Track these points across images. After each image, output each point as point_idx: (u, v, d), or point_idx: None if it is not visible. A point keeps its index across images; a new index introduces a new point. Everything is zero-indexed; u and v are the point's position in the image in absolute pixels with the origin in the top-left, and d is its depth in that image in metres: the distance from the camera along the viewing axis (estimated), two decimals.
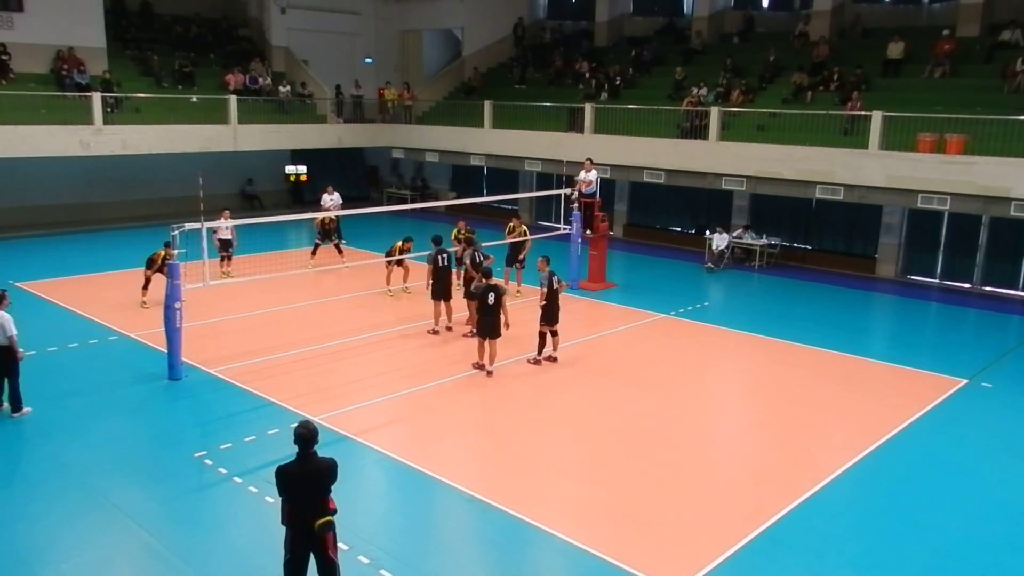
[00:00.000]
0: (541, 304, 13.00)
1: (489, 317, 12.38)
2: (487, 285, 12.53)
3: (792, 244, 22.48)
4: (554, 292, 12.98)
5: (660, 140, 22.60)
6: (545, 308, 12.94)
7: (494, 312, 12.40)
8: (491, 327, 12.40)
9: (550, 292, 12.93)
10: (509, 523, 8.26)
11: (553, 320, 13.02)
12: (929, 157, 18.24)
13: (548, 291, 12.93)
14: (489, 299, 12.38)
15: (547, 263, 13.25)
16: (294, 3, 29.43)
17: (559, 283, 13.16)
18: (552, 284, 12.94)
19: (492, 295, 12.40)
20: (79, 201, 24.82)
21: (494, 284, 12.61)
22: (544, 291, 13.01)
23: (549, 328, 13.04)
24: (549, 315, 12.97)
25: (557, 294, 13.08)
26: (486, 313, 12.40)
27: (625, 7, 30.40)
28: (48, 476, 9.03)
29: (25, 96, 21.91)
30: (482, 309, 12.46)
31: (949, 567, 7.77)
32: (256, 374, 12.27)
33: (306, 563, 6.34)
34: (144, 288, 15.68)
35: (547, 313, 12.95)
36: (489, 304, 12.37)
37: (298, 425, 6.30)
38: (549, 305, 12.94)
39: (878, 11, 25.21)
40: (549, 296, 12.93)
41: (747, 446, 10.67)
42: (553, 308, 13.00)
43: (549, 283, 12.93)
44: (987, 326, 17.26)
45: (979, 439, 10.79)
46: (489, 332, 12.41)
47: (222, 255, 17.49)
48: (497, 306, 12.42)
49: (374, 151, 31.61)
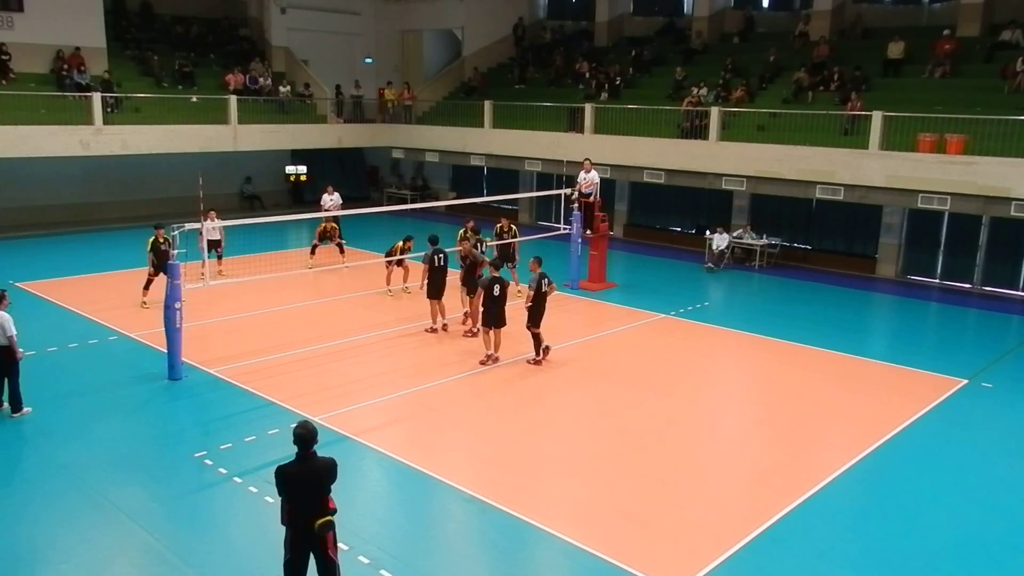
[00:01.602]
0: (527, 305, 12.92)
1: (495, 307, 12.79)
2: (493, 277, 12.92)
3: (792, 244, 22.47)
4: (542, 295, 12.91)
5: (660, 140, 22.60)
6: (531, 309, 12.88)
7: (500, 303, 12.80)
8: (497, 317, 12.84)
9: (537, 294, 12.85)
10: (509, 523, 8.26)
11: (536, 322, 12.96)
12: (929, 157, 18.25)
13: (535, 292, 12.84)
14: (495, 290, 12.79)
15: (539, 264, 13.17)
16: (294, 3, 29.42)
17: (548, 285, 13.06)
18: (541, 286, 12.87)
19: (498, 286, 12.81)
20: (79, 201, 24.83)
21: (499, 276, 13.05)
22: (531, 292, 12.89)
23: (533, 328, 12.98)
24: (534, 316, 12.93)
25: (545, 297, 13.02)
26: (492, 304, 12.78)
27: (625, 7, 30.40)
28: (48, 476, 9.02)
29: (25, 96, 21.91)
30: (488, 300, 12.82)
31: (949, 567, 7.77)
32: (256, 374, 12.26)
33: (306, 563, 6.33)
34: (145, 288, 15.70)
35: (532, 314, 12.91)
36: (495, 295, 12.77)
37: (297, 425, 6.29)
38: (535, 306, 12.88)
39: (878, 11, 25.21)
40: (536, 298, 12.85)
41: (747, 446, 10.67)
42: (539, 310, 12.94)
43: (538, 285, 12.86)
44: (987, 326, 17.26)
45: (979, 439, 10.78)
46: (495, 322, 12.84)
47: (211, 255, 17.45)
48: (503, 297, 12.85)
49: (374, 151, 31.62)
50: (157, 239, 15.59)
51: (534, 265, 13.17)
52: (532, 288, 12.90)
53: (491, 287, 12.81)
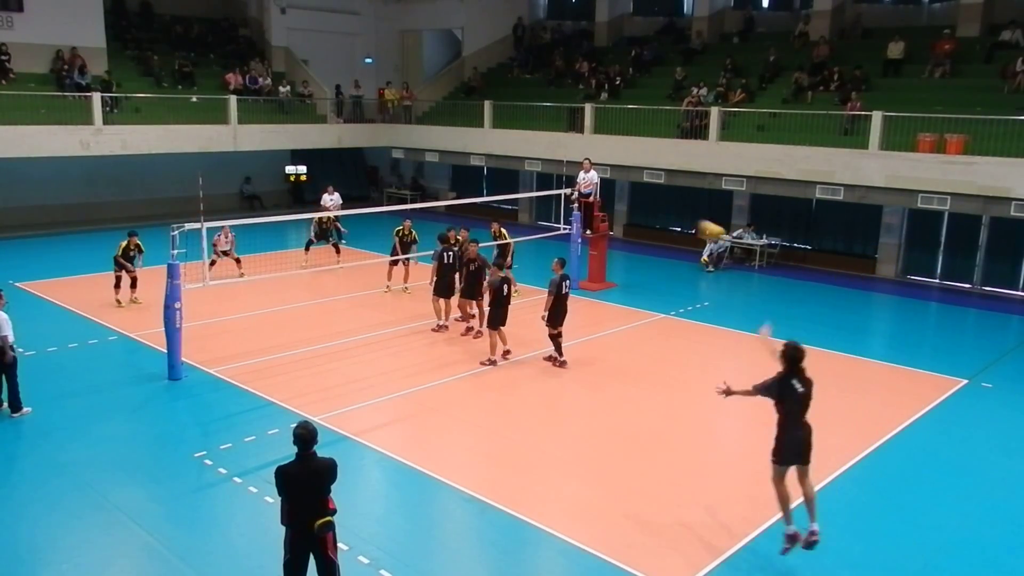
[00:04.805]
0: (547, 308, 12.72)
1: (501, 308, 13.03)
2: (502, 277, 13.22)
3: (792, 244, 22.48)
4: (562, 296, 12.77)
5: (660, 140, 22.61)
6: (552, 310, 12.70)
7: (507, 303, 13.10)
8: (504, 317, 13.09)
9: (558, 295, 12.68)
10: (509, 523, 8.26)
11: (557, 323, 12.83)
12: (929, 157, 18.25)
13: (556, 294, 12.68)
14: (504, 290, 13.05)
15: (562, 265, 13.07)
16: (294, 3, 29.43)
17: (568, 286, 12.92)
18: (562, 288, 12.72)
19: (507, 286, 13.14)
20: (79, 201, 24.84)
21: (508, 276, 13.48)
22: (551, 294, 12.69)
23: (555, 329, 12.87)
24: (556, 317, 12.79)
25: (566, 298, 12.88)
26: (499, 304, 13.03)
27: (625, 7, 30.39)
28: (48, 476, 9.02)
29: (25, 96, 21.90)
30: (495, 301, 13.08)
31: (949, 567, 7.77)
32: (256, 374, 12.26)
33: (306, 563, 6.34)
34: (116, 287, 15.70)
35: (553, 315, 12.75)
36: (503, 295, 13.04)
37: (297, 426, 6.29)
38: (556, 308, 12.73)
39: (878, 11, 25.21)
40: (556, 299, 12.69)
41: (747, 446, 10.64)
42: (560, 311, 12.80)
43: (559, 286, 12.72)
44: (987, 326, 17.26)
45: (979, 439, 10.78)
46: (503, 322, 13.06)
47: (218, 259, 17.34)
48: (509, 298, 13.14)
49: (374, 151, 31.62)
50: (130, 245, 15.50)
51: (557, 266, 13.03)
52: (552, 291, 12.71)
53: (501, 288, 13.04)
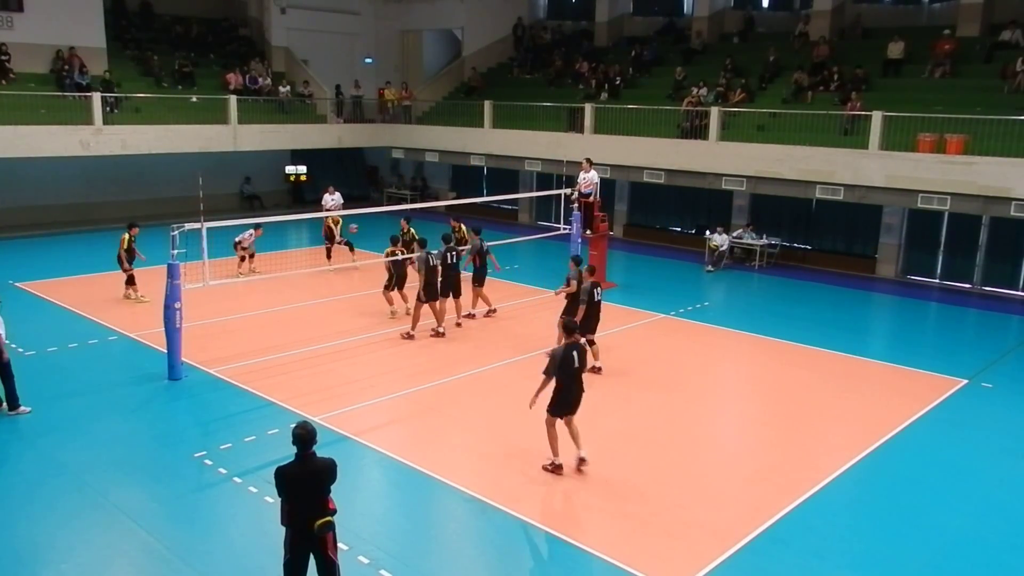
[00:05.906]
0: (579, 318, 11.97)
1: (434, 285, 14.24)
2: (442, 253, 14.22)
3: (792, 244, 22.48)
4: (595, 303, 12.53)
5: (660, 140, 22.59)
6: (585, 318, 12.21)
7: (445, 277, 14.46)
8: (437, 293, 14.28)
9: (590, 302, 12.41)
10: (509, 523, 8.26)
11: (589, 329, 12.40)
12: (929, 157, 18.24)
13: (588, 301, 12.39)
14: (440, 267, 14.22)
15: (591, 272, 13.00)
16: (294, 3, 29.42)
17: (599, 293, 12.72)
18: (593, 295, 12.49)
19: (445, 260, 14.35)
20: (79, 201, 24.83)
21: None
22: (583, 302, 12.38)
23: (588, 337, 12.40)
24: (589, 324, 12.43)
25: (599, 305, 12.66)
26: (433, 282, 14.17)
27: (625, 7, 30.40)
28: (48, 476, 9.02)
29: (25, 96, 21.89)
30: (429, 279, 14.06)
31: (949, 567, 7.77)
32: (256, 374, 12.26)
33: (306, 563, 6.33)
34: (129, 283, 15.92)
35: (586, 322, 12.28)
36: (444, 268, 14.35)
37: (296, 426, 6.29)
38: (589, 315, 12.42)
39: (878, 11, 25.21)
40: (589, 307, 12.41)
41: (747, 446, 10.67)
42: (593, 319, 12.53)
43: (591, 293, 12.47)
44: (987, 326, 17.26)
45: (979, 439, 10.78)
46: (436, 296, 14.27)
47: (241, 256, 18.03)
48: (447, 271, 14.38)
49: (374, 151, 31.61)
50: (131, 236, 15.77)
51: (586, 274, 12.91)
52: (584, 299, 12.40)
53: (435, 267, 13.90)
